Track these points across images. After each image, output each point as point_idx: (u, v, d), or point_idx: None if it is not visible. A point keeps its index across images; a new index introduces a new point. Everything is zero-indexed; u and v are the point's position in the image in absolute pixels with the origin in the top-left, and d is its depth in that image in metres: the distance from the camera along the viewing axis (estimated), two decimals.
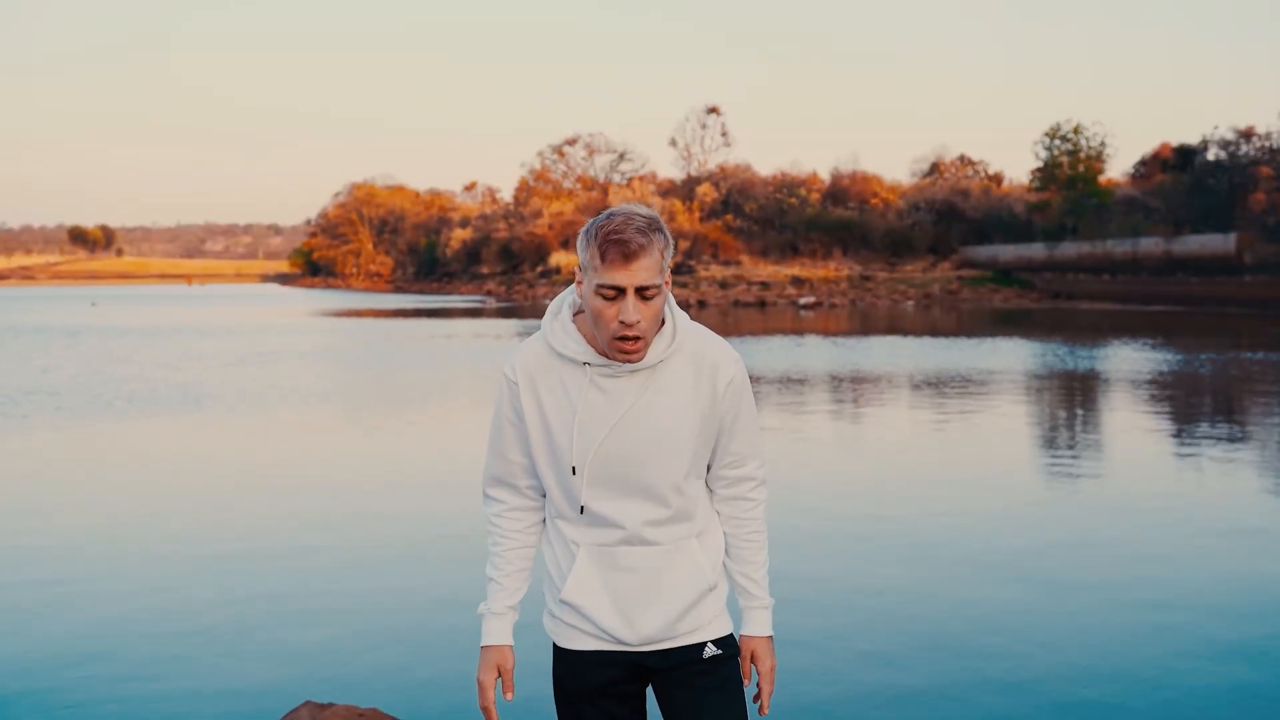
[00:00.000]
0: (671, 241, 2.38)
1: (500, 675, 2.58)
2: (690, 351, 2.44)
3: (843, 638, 5.85)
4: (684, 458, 2.42)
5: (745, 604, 2.57)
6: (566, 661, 2.54)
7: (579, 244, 2.37)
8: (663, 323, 2.43)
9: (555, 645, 2.57)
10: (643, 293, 2.29)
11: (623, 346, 2.32)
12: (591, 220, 2.37)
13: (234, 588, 6.80)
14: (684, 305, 53.90)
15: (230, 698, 5.04)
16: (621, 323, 2.29)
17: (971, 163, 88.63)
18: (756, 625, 2.56)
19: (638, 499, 2.42)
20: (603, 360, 2.38)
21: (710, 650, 2.50)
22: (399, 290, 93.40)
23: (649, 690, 2.60)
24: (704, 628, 2.50)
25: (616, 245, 2.26)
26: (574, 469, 2.41)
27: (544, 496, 2.54)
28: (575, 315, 2.46)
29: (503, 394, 2.49)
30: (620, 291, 2.28)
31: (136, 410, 15.78)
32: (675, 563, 2.46)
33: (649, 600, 2.45)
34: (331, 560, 7.47)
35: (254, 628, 6.04)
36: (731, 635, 2.55)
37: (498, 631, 2.59)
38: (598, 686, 2.51)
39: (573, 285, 2.48)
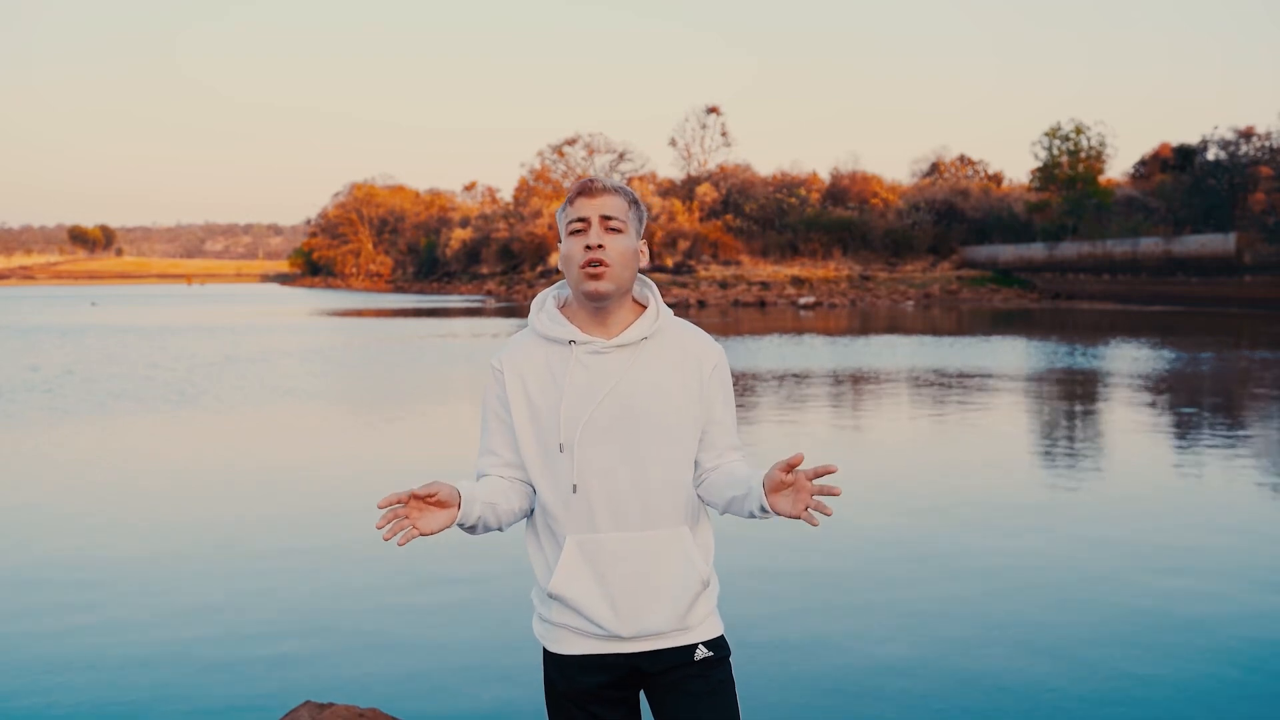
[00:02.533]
0: (644, 210, 2.53)
1: (429, 486, 2.35)
2: (674, 337, 2.52)
3: (853, 637, 5.86)
4: (671, 437, 2.44)
5: (749, 480, 2.40)
6: (557, 666, 2.51)
7: (557, 216, 2.53)
8: (644, 307, 2.54)
9: (545, 650, 2.54)
10: (608, 222, 2.44)
11: (590, 272, 2.41)
12: None
13: (233, 587, 6.81)
14: (684, 305, 53.89)
15: (230, 698, 5.04)
16: (586, 247, 2.41)
17: (971, 163, 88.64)
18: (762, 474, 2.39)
19: (627, 480, 2.42)
20: (587, 338, 2.45)
21: (701, 652, 2.48)
22: (399, 290, 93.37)
23: (642, 696, 2.58)
24: (695, 628, 2.49)
25: (581, 185, 2.46)
26: (561, 446, 2.42)
27: (532, 489, 2.53)
28: (560, 308, 2.55)
29: (489, 386, 2.55)
30: (586, 222, 2.43)
31: (131, 407, 15.78)
32: (666, 551, 2.45)
33: (639, 590, 2.43)
34: (331, 560, 7.47)
35: (254, 627, 6.04)
36: (723, 637, 2.54)
37: (456, 484, 2.43)
38: (589, 690, 2.48)
39: (550, 287, 2.60)
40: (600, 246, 2.40)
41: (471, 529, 2.46)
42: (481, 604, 6.43)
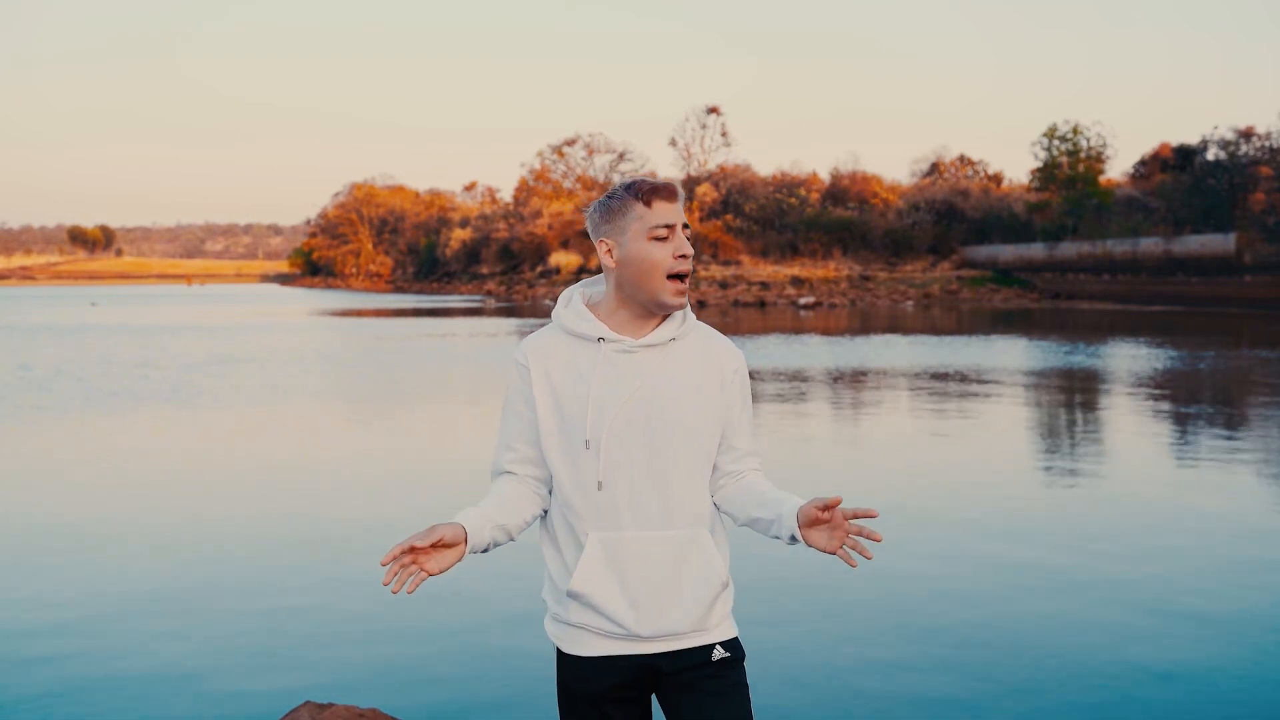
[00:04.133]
0: None
1: (430, 533, 2.32)
2: (698, 339, 2.52)
3: (849, 641, 5.85)
4: (694, 438, 2.45)
5: (779, 505, 2.41)
6: (571, 667, 2.50)
7: (601, 215, 2.45)
8: None
9: (560, 651, 2.53)
10: (686, 231, 2.44)
11: (678, 288, 2.42)
12: (606, 196, 2.47)
13: (233, 587, 6.79)
14: None
15: (230, 698, 5.03)
16: (682, 256, 2.41)
17: (971, 163, 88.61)
18: (795, 504, 2.40)
19: (651, 478, 2.42)
20: (616, 336, 2.44)
21: (718, 653, 2.47)
22: (399, 290, 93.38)
23: (653, 696, 2.57)
24: (712, 629, 2.48)
25: (663, 188, 2.41)
26: (587, 443, 2.41)
27: (545, 489, 2.52)
28: (587, 305, 2.53)
29: (513, 381, 2.51)
30: (672, 230, 2.41)
31: (125, 407, 15.77)
32: (687, 552, 2.44)
33: (661, 589, 2.42)
34: (331, 559, 7.46)
35: (253, 627, 6.03)
36: (738, 639, 2.53)
37: (461, 516, 2.41)
38: (603, 692, 2.47)
39: (576, 284, 2.56)
40: (691, 254, 2.42)
41: (484, 552, 2.46)
42: (483, 603, 6.42)
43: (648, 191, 2.40)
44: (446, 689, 5.16)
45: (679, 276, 2.41)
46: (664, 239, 2.40)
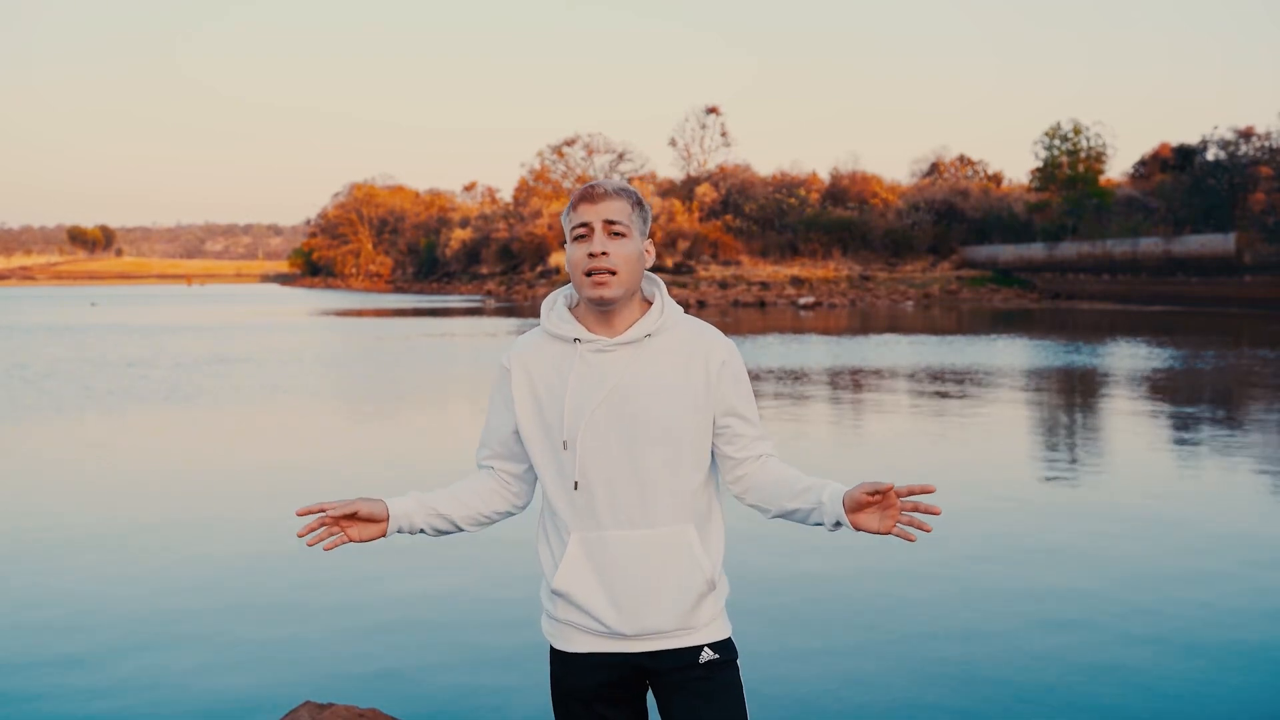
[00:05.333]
0: (648, 210, 2.54)
1: (347, 505, 2.48)
2: (681, 334, 2.51)
3: (837, 638, 5.85)
4: (671, 434, 2.43)
5: (818, 493, 2.42)
6: (563, 663, 2.51)
7: (562, 219, 2.54)
8: (649, 303, 2.53)
9: (552, 647, 2.54)
10: (611, 227, 2.43)
11: (595, 280, 2.42)
12: None
13: (233, 587, 6.80)
14: (684, 305, 53.79)
15: (230, 698, 5.04)
16: (589, 255, 2.42)
17: (971, 163, 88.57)
18: (837, 490, 2.41)
19: (629, 477, 2.42)
20: (592, 336, 2.46)
21: (707, 655, 2.46)
22: (399, 290, 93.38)
23: (649, 695, 2.57)
24: (700, 630, 2.47)
25: (584, 190, 2.46)
26: (565, 443, 2.43)
27: (521, 485, 2.60)
28: (570, 308, 2.55)
29: (496, 382, 2.57)
30: (589, 228, 2.43)
31: (123, 405, 15.77)
32: (668, 550, 2.43)
33: (641, 588, 2.42)
34: (331, 560, 7.46)
35: (253, 628, 6.03)
36: (730, 640, 2.51)
37: (394, 498, 2.58)
38: (593, 689, 2.48)
39: (563, 286, 2.61)
40: (604, 254, 2.41)
41: (420, 532, 2.58)
42: (482, 604, 6.43)
43: (575, 196, 2.47)
44: (446, 689, 5.17)
45: (596, 272, 2.43)
46: (583, 238, 2.44)
